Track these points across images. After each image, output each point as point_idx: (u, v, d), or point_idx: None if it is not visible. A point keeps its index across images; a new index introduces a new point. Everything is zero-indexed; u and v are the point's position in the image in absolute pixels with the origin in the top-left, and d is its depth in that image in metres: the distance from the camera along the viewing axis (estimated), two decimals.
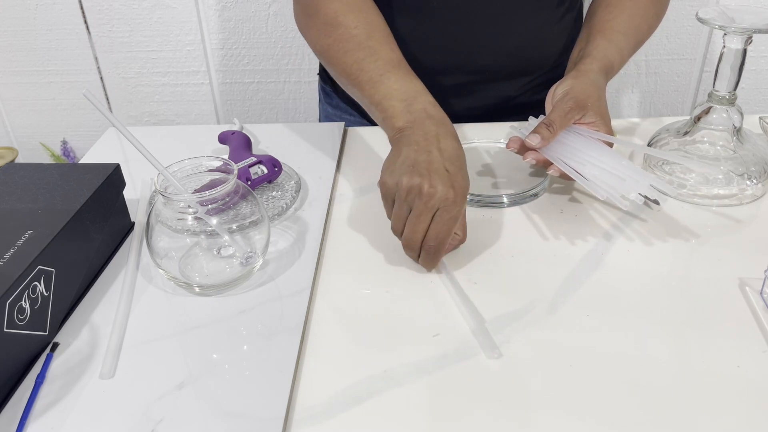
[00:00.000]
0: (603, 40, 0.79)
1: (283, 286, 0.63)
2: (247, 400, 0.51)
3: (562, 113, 0.71)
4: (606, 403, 0.50)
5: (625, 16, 0.81)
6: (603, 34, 0.80)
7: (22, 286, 0.53)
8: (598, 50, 0.78)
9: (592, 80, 0.74)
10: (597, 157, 0.70)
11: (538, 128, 0.71)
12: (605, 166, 0.69)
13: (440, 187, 0.60)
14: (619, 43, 0.80)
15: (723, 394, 0.51)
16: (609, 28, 0.81)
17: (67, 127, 1.68)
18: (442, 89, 0.92)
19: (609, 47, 0.79)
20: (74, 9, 1.50)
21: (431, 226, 0.61)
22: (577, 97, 0.72)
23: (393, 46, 0.74)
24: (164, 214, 0.61)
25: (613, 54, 0.79)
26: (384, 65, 0.71)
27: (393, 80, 0.70)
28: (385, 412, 0.50)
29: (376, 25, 0.75)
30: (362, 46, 0.73)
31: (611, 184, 0.67)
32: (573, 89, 0.73)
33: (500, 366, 0.54)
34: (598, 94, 0.74)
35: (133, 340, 0.57)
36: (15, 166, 0.69)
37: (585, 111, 0.72)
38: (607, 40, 0.79)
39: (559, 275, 0.64)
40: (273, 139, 0.90)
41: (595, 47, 0.78)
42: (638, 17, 0.82)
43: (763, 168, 0.74)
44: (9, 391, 0.53)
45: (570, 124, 0.72)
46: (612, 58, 0.78)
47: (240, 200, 0.62)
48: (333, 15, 0.75)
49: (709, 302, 0.60)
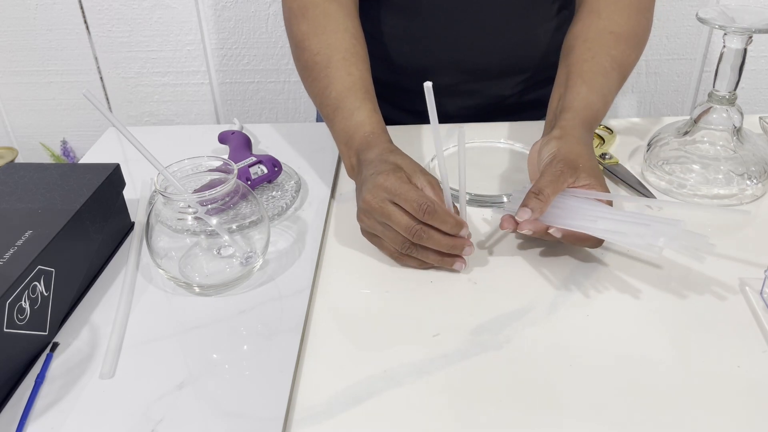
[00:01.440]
0: (583, 87, 0.72)
1: (283, 286, 0.63)
2: (247, 400, 0.51)
3: (552, 178, 0.63)
4: (606, 403, 0.50)
5: (606, 56, 0.74)
6: (583, 79, 0.72)
7: (22, 286, 0.53)
8: (580, 100, 0.71)
9: (578, 138, 0.67)
10: (607, 212, 0.62)
11: (527, 200, 0.62)
12: (621, 218, 0.62)
13: (373, 190, 0.62)
14: (602, 89, 0.73)
15: (723, 394, 0.51)
16: (588, 70, 0.73)
17: (67, 127, 1.68)
18: (436, 89, 0.93)
19: (591, 96, 0.71)
20: (74, 9, 1.50)
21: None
22: (567, 159, 0.64)
23: (350, 69, 0.74)
24: (164, 214, 0.61)
25: (596, 101, 0.72)
26: (336, 98, 0.73)
27: (340, 118, 0.72)
28: (385, 412, 0.50)
29: (335, 48, 0.75)
30: (322, 75, 0.74)
31: (638, 232, 0.59)
32: (560, 151, 0.65)
33: (500, 366, 0.54)
34: (588, 152, 0.67)
35: (133, 340, 0.57)
36: (15, 166, 0.69)
37: (577, 173, 0.64)
38: (587, 87, 0.72)
39: (559, 275, 0.63)
40: (273, 139, 0.90)
41: (576, 96, 0.71)
42: (620, 50, 0.75)
43: (763, 168, 0.74)
44: (9, 391, 0.53)
45: (563, 189, 0.63)
46: (596, 107, 0.72)
47: (240, 200, 0.62)
48: (300, 38, 0.77)
49: (709, 302, 0.60)
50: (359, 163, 0.68)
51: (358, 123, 0.71)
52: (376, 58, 0.93)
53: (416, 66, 0.91)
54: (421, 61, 0.90)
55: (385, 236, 0.63)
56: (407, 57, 0.91)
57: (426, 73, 0.91)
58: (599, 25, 0.77)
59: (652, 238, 0.58)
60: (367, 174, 0.65)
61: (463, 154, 0.63)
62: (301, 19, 0.77)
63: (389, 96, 0.96)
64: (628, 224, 0.60)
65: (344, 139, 0.71)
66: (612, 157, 0.81)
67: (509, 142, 0.85)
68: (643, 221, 0.61)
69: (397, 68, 0.93)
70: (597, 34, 0.76)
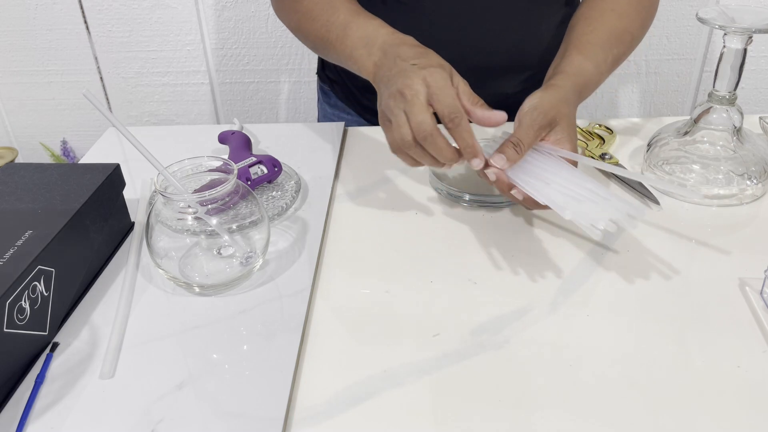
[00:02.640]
0: (578, 56, 0.74)
1: (283, 286, 0.63)
2: (247, 400, 0.51)
3: (530, 130, 0.65)
4: (606, 403, 0.50)
5: (605, 29, 0.77)
6: (579, 50, 0.75)
7: (22, 286, 0.53)
8: (572, 66, 0.73)
9: (562, 95, 0.69)
10: (565, 177, 0.64)
11: (504, 148, 0.64)
12: (575, 186, 0.63)
13: (415, 78, 0.62)
14: (596, 58, 0.74)
15: (723, 394, 0.51)
16: (586, 41, 0.75)
17: (67, 127, 1.68)
18: None
19: (584, 63, 0.73)
20: (74, 9, 1.50)
21: (435, 105, 0.62)
22: (546, 112, 0.66)
23: (353, 5, 0.76)
24: (164, 214, 0.61)
25: (590, 70, 0.73)
26: (345, 17, 0.74)
27: (354, 29, 0.72)
28: (385, 412, 0.50)
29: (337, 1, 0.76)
30: (325, 8, 0.75)
31: (582, 210, 0.60)
32: (542, 103, 0.67)
33: (500, 366, 0.54)
34: (568, 110, 0.68)
35: (133, 340, 0.57)
36: (15, 166, 0.69)
37: (551, 126, 0.66)
38: (583, 56, 0.74)
39: (559, 275, 0.64)
40: (273, 139, 0.90)
41: (570, 63, 0.73)
42: (620, 29, 0.78)
43: (763, 168, 0.74)
44: (9, 391, 0.53)
45: (537, 142, 0.66)
46: (588, 75, 0.73)
47: (240, 200, 0.62)
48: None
49: (709, 302, 0.60)
50: (387, 56, 0.68)
51: (377, 26, 0.71)
52: None
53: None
54: None
55: (397, 123, 0.63)
56: None
57: None
58: (602, 5, 0.80)
59: (595, 218, 0.58)
60: (406, 65, 0.64)
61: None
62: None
63: None
64: (577, 197, 0.61)
65: (363, 43, 0.70)
66: (612, 157, 0.81)
67: None
68: (593, 197, 0.61)
69: None
70: (599, 12, 0.79)
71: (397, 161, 0.83)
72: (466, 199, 0.74)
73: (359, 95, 0.99)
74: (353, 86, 0.99)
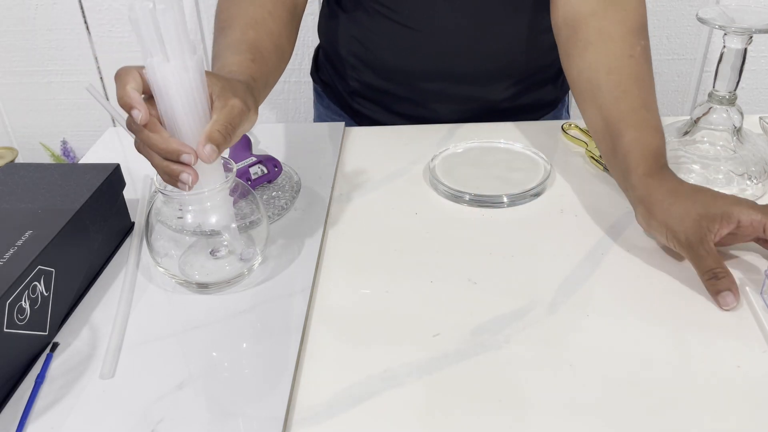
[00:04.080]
0: (635, 132, 0.67)
1: (283, 285, 0.63)
2: (247, 400, 0.51)
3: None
4: (606, 403, 0.50)
5: (633, 79, 0.69)
6: (627, 123, 0.67)
7: (22, 286, 0.53)
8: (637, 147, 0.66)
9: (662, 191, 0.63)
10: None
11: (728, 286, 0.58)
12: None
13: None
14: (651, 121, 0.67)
15: (723, 394, 0.51)
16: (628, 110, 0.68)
17: (67, 127, 1.68)
18: (425, 94, 0.93)
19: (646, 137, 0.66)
20: (74, 9, 1.50)
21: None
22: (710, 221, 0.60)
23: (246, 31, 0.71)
24: (164, 213, 0.61)
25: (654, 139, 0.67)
26: (218, 51, 0.70)
27: (216, 68, 0.68)
28: (385, 412, 0.50)
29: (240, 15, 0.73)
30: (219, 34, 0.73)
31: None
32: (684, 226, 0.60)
33: (500, 366, 0.54)
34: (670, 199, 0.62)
35: (133, 340, 0.57)
36: (15, 166, 0.69)
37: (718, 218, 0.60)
38: (638, 130, 0.67)
39: (559, 275, 0.63)
40: (273, 139, 0.90)
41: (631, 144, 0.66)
42: (641, 67, 0.71)
43: (763, 168, 0.74)
44: (9, 391, 0.53)
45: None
46: (656, 145, 0.67)
47: (240, 200, 0.62)
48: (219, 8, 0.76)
49: (709, 302, 0.60)
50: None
51: (236, 63, 0.66)
52: (365, 64, 0.94)
53: (404, 72, 0.91)
54: (409, 68, 0.90)
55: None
56: (395, 64, 0.91)
57: (414, 79, 0.91)
58: (615, 51, 0.72)
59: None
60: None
61: None
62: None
63: (381, 101, 0.96)
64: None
65: (219, 63, 0.66)
66: None
67: (509, 142, 0.85)
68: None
69: (386, 74, 0.93)
70: (618, 61, 0.71)
71: (397, 161, 0.83)
72: (466, 199, 0.74)
73: (349, 99, 0.99)
74: (343, 90, 0.99)
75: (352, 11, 0.91)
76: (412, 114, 0.95)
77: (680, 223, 0.61)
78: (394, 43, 0.89)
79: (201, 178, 0.55)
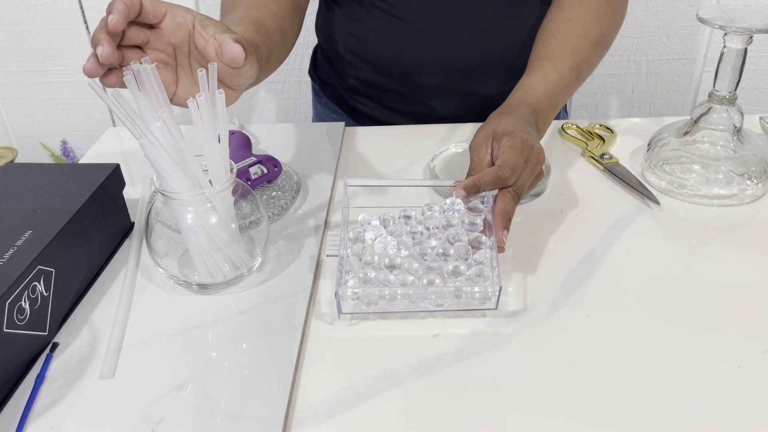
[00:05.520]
0: (529, 77, 0.76)
1: (284, 285, 0.63)
2: (247, 400, 0.51)
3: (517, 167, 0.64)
4: (606, 403, 0.50)
5: (560, 41, 0.78)
6: (531, 69, 0.77)
7: (22, 286, 0.53)
8: (531, 90, 0.75)
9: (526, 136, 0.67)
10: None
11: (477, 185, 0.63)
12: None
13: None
14: (548, 72, 0.76)
15: (723, 394, 0.51)
16: (540, 58, 0.77)
17: (66, 127, 1.68)
18: (423, 90, 0.93)
19: (535, 82, 0.75)
20: (74, 9, 1.50)
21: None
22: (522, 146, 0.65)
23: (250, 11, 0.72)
24: (164, 213, 0.61)
25: (540, 86, 0.75)
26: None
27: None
28: (385, 412, 0.50)
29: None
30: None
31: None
32: (515, 140, 0.65)
33: (500, 366, 0.54)
34: (517, 125, 0.68)
35: (133, 340, 0.57)
36: (15, 166, 0.69)
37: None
38: (533, 75, 0.76)
39: (559, 275, 0.63)
40: (273, 139, 0.90)
41: (520, 86, 0.75)
42: (576, 37, 0.78)
43: (763, 168, 0.74)
44: (9, 391, 0.53)
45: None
46: (538, 94, 0.74)
47: (240, 200, 0.62)
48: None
49: (709, 302, 0.60)
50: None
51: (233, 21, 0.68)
52: (362, 60, 0.94)
53: (401, 68, 0.91)
54: (406, 63, 0.90)
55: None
56: (392, 59, 0.91)
57: (411, 75, 0.91)
58: (558, 16, 0.80)
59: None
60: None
61: None
62: None
63: (378, 97, 0.96)
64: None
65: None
66: (612, 157, 0.81)
67: None
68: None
69: (382, 70, 0.93)
70: (555, 24, 0.80)
71: (396, 161, 0.83)
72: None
73: (347, 96, 0.99)
74: (341, 88, 0.99)
75: (347, 6, 0.91)
76: (409, 110, 0.95)
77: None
78: (391, 37, 0.89)
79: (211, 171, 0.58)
